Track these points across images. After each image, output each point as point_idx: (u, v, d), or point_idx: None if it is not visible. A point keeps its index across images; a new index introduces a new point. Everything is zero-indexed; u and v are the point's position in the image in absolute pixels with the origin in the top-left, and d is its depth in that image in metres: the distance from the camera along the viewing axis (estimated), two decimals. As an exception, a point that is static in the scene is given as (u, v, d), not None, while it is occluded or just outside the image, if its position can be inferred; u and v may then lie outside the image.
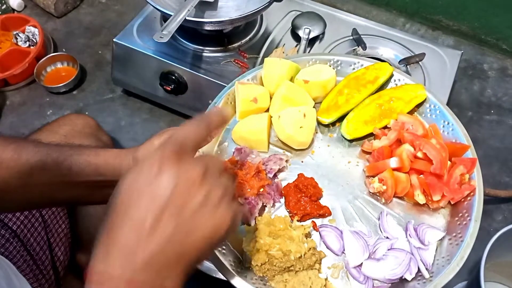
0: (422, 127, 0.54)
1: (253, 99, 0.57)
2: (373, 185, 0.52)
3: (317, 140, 0.57)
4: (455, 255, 0.48)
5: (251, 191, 0.50)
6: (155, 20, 1.10)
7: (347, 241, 0.48)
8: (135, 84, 1.12)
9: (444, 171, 0.50)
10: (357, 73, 0.60)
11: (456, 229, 0.51)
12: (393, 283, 0.47)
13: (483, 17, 1.25)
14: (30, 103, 1.20)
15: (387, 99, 0.57)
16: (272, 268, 0.46)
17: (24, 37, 1.24)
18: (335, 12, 1.13)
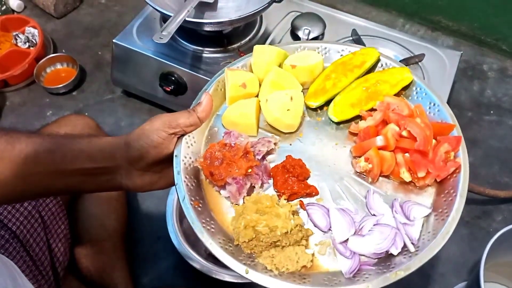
0: (407, 108, 0.54)
1: (242, 84, 0.58)
2: (359, 164, 0.53)
3: (305, 124, 0.58)
4: (440, 230, 0.48)
5: (239, 171, 0.51)
6: (154, 21, 1.10)
7: (333, 218, 0.49)
8: (134, 84, 1.12)
9: (428, 148, 0.50)
10: (344, 59, 0.61)
11: (442, 205, 0.51)
12: (379, 258, 0.48)
13: (483, 17, 1.25)
14: (30, 104, 1.20)
15: (374, 82, 0.58)
16: (259, 244, 0.47)
17: (24, 38, 1.24)
18: (335, 13, 1.13)
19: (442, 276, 0.94)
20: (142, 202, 1.03)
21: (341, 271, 0.47)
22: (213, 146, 0.54)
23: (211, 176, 0.52)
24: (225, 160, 0.52)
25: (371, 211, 0.51)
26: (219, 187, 0.53)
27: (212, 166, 0.52)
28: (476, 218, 1.01)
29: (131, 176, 0.53)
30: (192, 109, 0.56)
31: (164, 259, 0.96)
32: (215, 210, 0.52)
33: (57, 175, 0.51)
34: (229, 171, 0.51)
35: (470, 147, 1.10)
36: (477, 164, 1.09)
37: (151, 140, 0.52)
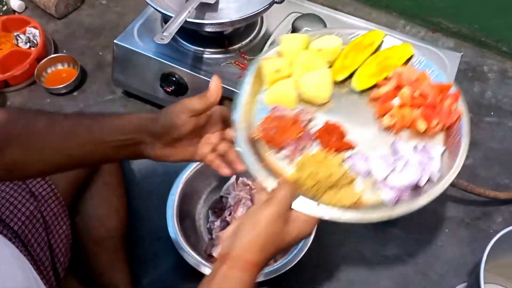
0: (415, 74, 0.68)
1: (277, 70, 0.69)
2: (384, 121, 0.66)
3: (334, 95, 0.70)
4: (453, 165, 0.61)
5: (292, 136, 0.63)
6: (155, 22, 1.10)
7: (372, 163, 0.62)
8: (135, 85, 1.13)
9: (436, 103, 0.65)
10: (356, 40, 0.74)
11: (451, 145, 0.64)
12: (412, 190, 0.61)
13: (483, 19, 1.25)
14: (30, 104, 1.21)
15: (383, 57, 0.72)
16: (320, 189, 0.59)
17: (25, 38, 1.24)
18: (335, 14, 1.13)
19: (442, 277, 0.94)
20: (142, 202, 1.03)
21: (384, 202, 0.60)
22: (267, 119, 0.65)
23: (270, 142, 0.63)
24: (279, 128, 0.63)
25: (398, 155, 0.63)
26: (278, 150, 0.63)
27: (269, 134, 0.63)
28: (476, 220, 1.02)
29: (153, 147, 0.62)
30: (203, 94, 0.65)
31: (164, 259, 0.97)
32: None
33: (94, 147, 0.60)
34: (284, 137, 0.62)
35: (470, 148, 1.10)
36: (477, 165, 1.09)
37: (173, 121, 0.61)
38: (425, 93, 0.65)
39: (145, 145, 0.62)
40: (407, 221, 1.01)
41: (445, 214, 1.02)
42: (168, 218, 0.88)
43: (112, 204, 0.91)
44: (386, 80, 0.69)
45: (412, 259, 0.96)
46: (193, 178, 0.94)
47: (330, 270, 0.94)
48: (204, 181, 0.99)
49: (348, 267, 0.95)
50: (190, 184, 0.93)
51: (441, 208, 1.03)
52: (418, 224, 1.01)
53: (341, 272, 0.94)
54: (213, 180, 1.01)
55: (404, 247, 0.98)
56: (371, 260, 0.96)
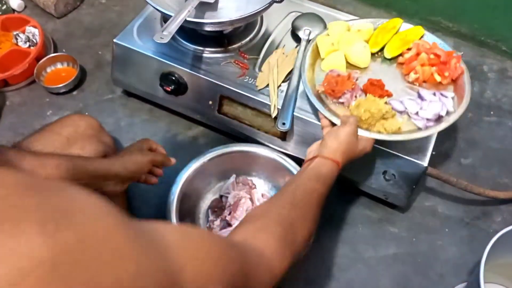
0: (428, 44, 0.95)
1: (331, 44, 0.95)
2: (410, 76, 0.92)
3: (371, 62, 0.96)
4: (461, 104, 0.87)
5: (347, 87, 0.87)
6: (155, 21, 1.10)
7: (406, 103, 0.88)
8: (135, 84, 1.12)
9: (447, 61, 0.91)
10: (382, 26, 1.00)
11: (458, 92, 0.90)
12: (436, 119, 0.85)
13: (483, 18, 1.25)
14: (30, 104, 1.20)
15: (404, 35, 0.97)
16: (373, 120, 0.83)
17: (24, 38, 1.24)
18: (335, 13, 1.13)
19: (441, 277, 0.94)
20: (142, 204, 1.03)
21: (418, 128, 0.85)
22: (327, 77, 0.90)
23: (332, 92, 0.87)
24: (338, 83, 0.87)
25: (424, 98, 0.88)
26: (337, 98, 0.88)
27: (330, 87, 0.88)
28: (475, 219, 1.02)
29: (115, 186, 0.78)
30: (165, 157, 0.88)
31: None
32: None
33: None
34: (342, 87, 0.87)
35: (470, 148, 1.12)
36: (477, 165, 1.09)
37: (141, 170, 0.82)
38: (438, 54, 0.92)
39: (106, 185, 0.76)
40: (407, 220, 1.01)
41: (444, 213, 1.02)
42: (168, 218, 0.88)
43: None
44: (408, 50, 0.95)
45: (412, 259, 0.96)
46: (193, 178, 0.93)
47: (329, 270, 0.94)
48: (204, 181, 0.99)
49: (347, 266, 0.95)
50: (190, 184, 0.93)
51: (441, 207, 1.03)
52: (417, 224, 1.01)
53: (340, 271, 0.94)
54: (212, 180, 1.01)
55: (403, 246, 0.98)
56: (370, 260, 0.96)
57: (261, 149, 0.98)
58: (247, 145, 0.98)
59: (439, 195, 1.05)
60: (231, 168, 1.00)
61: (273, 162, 0.97)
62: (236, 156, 0.98)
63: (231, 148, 0.97)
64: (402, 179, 0.92)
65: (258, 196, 0.98)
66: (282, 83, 0.98)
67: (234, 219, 0.93)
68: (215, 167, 0.97)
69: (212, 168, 0.97)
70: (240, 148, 0.98)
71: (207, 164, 0.95)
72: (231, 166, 1.00)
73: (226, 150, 0.97)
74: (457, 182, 0.93)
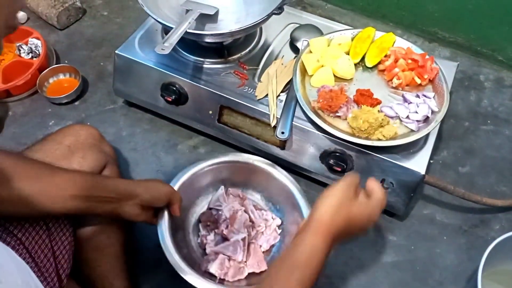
0: (403, 50, 1.02)
1: (317, 60, 0.99)
2: (394, 82, 0.98)
3: (355, 73, 1.01)
4: (443, 101, 0.94)
5: (342, 101, 0.91)
6: (156, 33, 1.12)
7: (395, 108, 0.93)
8: (136, 95, 1.14)
9: (424, 64, 0.98)
10: (358, 36, 1.04)
11: (437, 90, 0.97)
12: (423, 120, 0.92)
13: (479, 29, 1.27)
14: (32, 114, 1.22)
15: (379, 43, 1.03)
16: (371, 129, 0.88)
17: (27, 49, 1.26)
18: (333, 25, 1.15)
19: (440, 284, 0.94)
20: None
21: (412, 130, 0.90)
22: (321, 93, 0.93)
23: (329, 107, 0.90)
24: (333, 98, 0.91)
25: (409, 101, 0.94)
26: (334, 112, 0.91)
27: (327, 103, 0.91)
28: (473, 227, 1.02)
29: (133, 208, 0.79)
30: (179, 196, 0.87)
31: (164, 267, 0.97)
32: None
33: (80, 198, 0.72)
34: (338, 102, 0.90)
35: (467, 156, 1.13)
36: (474, 173, 1.10)
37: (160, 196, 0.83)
38: (415, 59, 0.99)
39: (125, 205, 0.78)
40: (406, 228, 1.02)
41: (443, 221, 1.03)
42: (160, 230, 0.86)
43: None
44: (386, 57, 1.01)
45: (411, 266, 0.97)
46: (183, 188, 0.91)
47: (329, 277, 0.95)
48: (191, 194, 0.96)
49: (346, 274, 0.95)
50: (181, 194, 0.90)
51: (439, 215, 1.04)
52: (416, 232, 1.01)
53: (340, 279, 0.95)
54: (200, 193, 0.98)
55: (402, 254, 0.98)
56: (369, 267, 0.96)
57: (248, 158, 0.96)
58: (232, 155, 0.97)
59: (437, 203, 1.05)
60: (218, 180, 0.98)
61: (262, 171, 0.95)
62: (223, 167, 0.97)
63: (217, 159, 0.96)
64: (400, 187, 0.93)
65: (251, 208, 0.96)
66: (281, 93, 0.99)
67: (232, 233, 0.91)
68: (203, 179, 0.96)
69: (200, 181, 0.96)
70: (226, 159, 0.96)
71: (194, 177, 0.94)
72: (218, 177, 0.98)
73: (213, 161, 0.96)
74: (454, 190, 0.94)
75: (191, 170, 0.94)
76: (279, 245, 0.94)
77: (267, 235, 0.95)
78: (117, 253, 0.89)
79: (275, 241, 0.95)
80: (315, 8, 1.43)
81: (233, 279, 0.87)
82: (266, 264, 0.90)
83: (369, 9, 1.38)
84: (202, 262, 0.90)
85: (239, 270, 0.89)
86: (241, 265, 0.90)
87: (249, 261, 0.90)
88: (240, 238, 0.90)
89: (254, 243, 0.93)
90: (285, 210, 0.96)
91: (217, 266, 0.87)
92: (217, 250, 0.90)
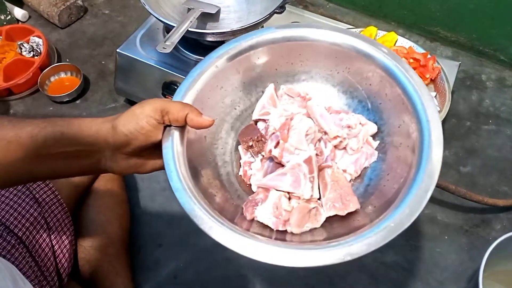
0: (405, 49, 1.02)
1: None
2: None
3: None
4: (445, 100, 0.92)
5: None
6: (157, 31, 1.12)
7: None
8: (137, 93, 1.14)
9: (426, 63, 0.98)
10: None
11: (439, 89, 0.97)
12: None
13: (481, 28, 1.26)
14: (33, 112, 1.22)
15: (381, 42, 0.94)
16: None
17: (29, 47, 1.26)
18: (335, 24, 1.15)
19: (441, 284, 0.94)
20: (144, 209, 1.04)
21: None
22: None
23: None
24: None
25: None
26: None
27: None
28: (475, 227, 1.02)
29: (115, 159, 0.52)
30: (188, 106, 0.52)
31: (165, 267, 0.97)
32: None
33: (40, 159, 0.50)
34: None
35: (469, 156, 1.12)
36: (476, 173, 1.10)
37: (140, 126, 0.50)
38: (417, 58, 0.98)
39: (105, 157, 0.52)
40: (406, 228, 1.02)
41: (444, 221, 1.03)
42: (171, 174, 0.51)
43: (114, 211, 0.92)
44: None
45: (412, 266, 0.97)
46: (201, 97, 0.58)
47: (329, 277, 0.95)
48: (222, 100, 0.61)
49: (347, 274, 0.95)
50: (201, 102, 0.57)
51: (440, 215, 1.04)
52: (417, 231, 1.01)
53: (340, 278, 0.95)
54: (237, 98, 0.63)
55: (403, 254, 0.98)
56: (370, 267, 0.96)
57: (313, 30, 0.61)
58: (285, 28, 0.63)
59: (438, 202, 1.05)
60: (263, 75, 0.64)
61: (338, 50, 0.61)
62: (271, 51, 0.62)
63: (258, 36, 0.61)
64: (402, 186, 0.91)
65: (322, 111, 0.60)
66: (282, 92, 0.98)
67: (286, 151, 0.56)
68: (238, 75, 0.62)
69: (232, 77, 0.62)
70: (275, 35, 0.61)
71: (223, 69, 0.59)
72: (263, 70, 0.64)
73: (252, 41, 0.60)
74: (456, 190, 0.94)
75: (217, 57, 0.59)
76: (377, 166, 0.59)
77: (354, 151, 0.59)
78: (119, 253, 0.89)
79: (370, 161, 0.59)
80: (316, 7, 1.43)
81: (300, 229, 0.53)
82: (357, 200, 0.56)
83: (370, 8, 1.38)
84: (246, 206, 0.55)
85: (309, 214, 0.54)
86: (311, 204, 0.54)
87: (325, 197, 0.55)
88: (303, 159, 0.55)
89: (332, 167, 0.57)
90: (383, 108, 0.60)
91: (269, 210, 0.53)
92: (267, 184, 0.56)
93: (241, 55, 0.59)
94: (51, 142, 0.50)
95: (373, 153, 0.59)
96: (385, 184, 0.56)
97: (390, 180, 0.56)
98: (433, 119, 0.52)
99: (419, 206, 0.49)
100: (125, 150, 0.52)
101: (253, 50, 0.60)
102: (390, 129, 0.59)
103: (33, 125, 0.50)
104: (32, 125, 0.50)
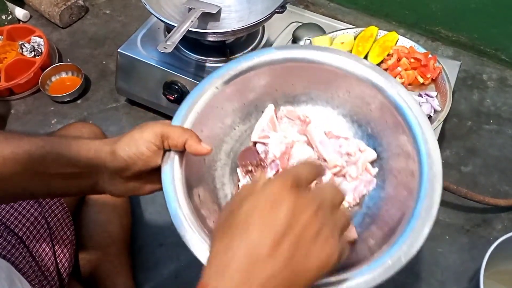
0: (406, 49, 1.01)
1: None
2: None
3: None
4: (446, 100, 0.92)
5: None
6: (158, 31, 1.12)
7: None
8: (138, 93, 1.14)
9: (427, 63, 0.97)
10: (361, 34, 1.04)
11: (440, 89, 0.96)
12: None
13: (482, 28, 1.26)
14: (34, 112, 1.22)
15: (382, 42, 1.02)
16: None
17: (30, 47, 1.26)
18: (336, 23, 1.15)
19: (442, 284, 0.94)
20: (145, 209, 1.04)
21: None
22: None
23: None
24: None
25: None
26: None
27: None
28: (476, 227, 1.02)
29: (114, 182, 0.52)
30: (188, 132, 0.51)
31: (166, 266, 0.97)
32: None
33: (37, 178, 0.50)
34: None
35: (470, 156, 1.12)
36: (477, 172, 1.10)
37: (140, 152, 0.49)
38: (418, 58, 0.98)
39: (103, 180, 0.52)
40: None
41: (445, 221, 1.03)
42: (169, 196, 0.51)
43: (115, 211, 0.92)
44: (389, 56, 1.01)
45: (413, 266, 0.96)
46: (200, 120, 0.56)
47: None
48: (221, 121, 0.60)
49: (349, 273, 0.95)
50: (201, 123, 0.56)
51: (441, 215, 1.03)
52: (418, 231, 1.01)
53: (342, 278, 0.95)
54: (237, 118, 0.62)
55: (404, 254, 0.98)
56: (371, 267, 0.96)
57: (314, 52, 0.59)
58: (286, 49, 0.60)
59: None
60: (263, 95, 0.62)
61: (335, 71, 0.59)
62: (271, 72, 0.60)
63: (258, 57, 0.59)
64: (403, 186, 0.91)
65: (321, 138, 0.60)
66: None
67: None
68: (238, 95, 0.60)
69: (232, 98, 0.60)
70: (275, 56, 0.59)
71: (223, 90, 0.58)
72: (263, 90, 0.62)
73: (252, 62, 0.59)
74: (457, 190, 0.94)
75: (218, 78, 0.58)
76: (375, 194, 0.58)
77: (353, 179, 0.58)
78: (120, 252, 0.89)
79: (369, 189, 0.58)
80: (317, 7, 1.43)
81: None
82: (355, 229, 0.55)
83: (372, 8, 1.37)
84: None
85: None
86: None
87: None
88: None
89: None
90: (382, 134, 0.59)
91: None
92: None
93: (241, 75, 0.58)
94: (49, 162, 0.49)
95: (371, 180, 0.58)
96: (384, 214, 0.55)
97: (389, 209, 0.55)
98: (433, 153, 0.51)
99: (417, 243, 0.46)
100: (123, 174, 0.51)
101: (253, 71, 0.59)
102: (389, 156, 0.58)
103: (30, 143, 0.49)
104: (29, 144, 0.49)
